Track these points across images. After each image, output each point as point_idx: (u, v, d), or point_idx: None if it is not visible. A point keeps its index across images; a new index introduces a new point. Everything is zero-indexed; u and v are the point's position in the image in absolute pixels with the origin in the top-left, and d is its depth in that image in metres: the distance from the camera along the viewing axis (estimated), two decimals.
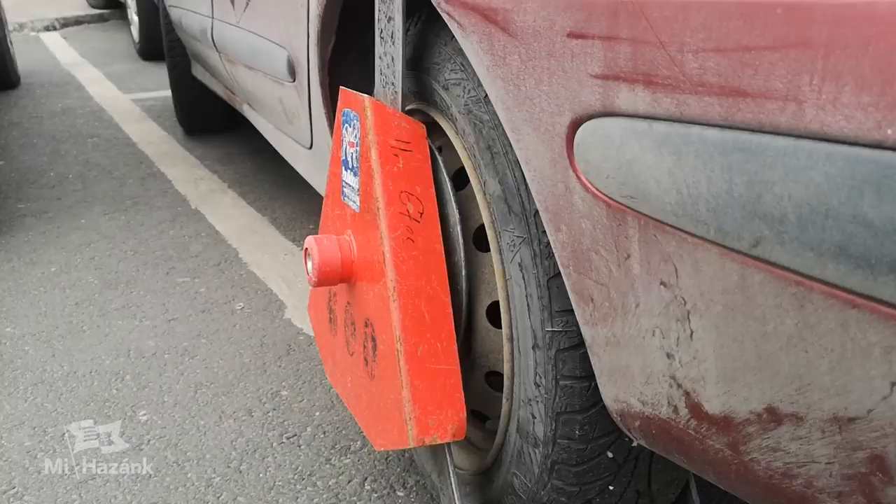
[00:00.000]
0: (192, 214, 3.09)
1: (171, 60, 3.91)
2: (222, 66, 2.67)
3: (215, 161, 3.76)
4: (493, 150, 1.07)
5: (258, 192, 3.32)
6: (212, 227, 2.95)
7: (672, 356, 0.82)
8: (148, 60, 6.37)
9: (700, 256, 0.73)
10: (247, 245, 2.78)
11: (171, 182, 3.47)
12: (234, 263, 2.64)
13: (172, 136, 4.19)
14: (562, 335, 1.01)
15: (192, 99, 3.97)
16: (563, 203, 0.89)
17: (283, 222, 2.98)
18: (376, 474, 1.59)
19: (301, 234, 2.86)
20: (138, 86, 5.44)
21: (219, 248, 2.77)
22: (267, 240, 2.83)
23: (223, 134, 4.19)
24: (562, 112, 0.84)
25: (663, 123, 0.72)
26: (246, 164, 3.70)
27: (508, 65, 0.92)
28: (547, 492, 1.10)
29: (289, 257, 2.67)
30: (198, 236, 2.88)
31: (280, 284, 2.46)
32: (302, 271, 2.55)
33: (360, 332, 1.26)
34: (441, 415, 1.13)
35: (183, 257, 2.69)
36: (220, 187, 3.40)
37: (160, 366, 2.02)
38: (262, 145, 3.92)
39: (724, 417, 0.78)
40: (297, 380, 1.94)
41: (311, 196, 3.23)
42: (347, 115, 1.26)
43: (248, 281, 2.50)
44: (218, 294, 2.42)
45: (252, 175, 3.55)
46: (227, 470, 1.63)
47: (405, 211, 1.16)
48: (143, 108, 4.80)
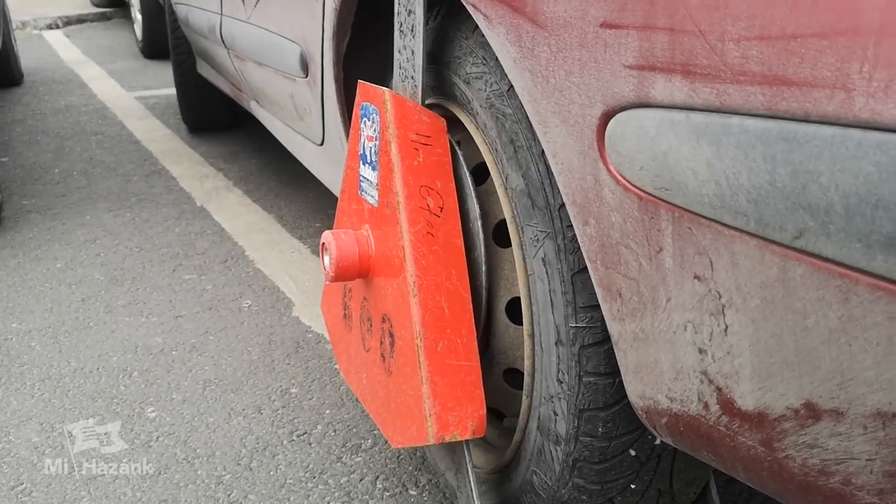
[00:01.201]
0: (197, 212, 3.08)
1: (177, 58, 3.89)
2: (230, 62, 2.66)
3: (220, 159, 3.75)
4: (516, 143, 1.06)
5: (264, 190, 3.31)
6: (218, 225, 2.94)
7: (704, 351, 0.80)
8: (151, 58, 6.36)
9: (738, 249, 0.71)
10: (253, 243, 2.77)
11: (176, 179, 3.46)
12: (240, 261, 2.62)
13: (176, 133, 4.17)
14: (586, 331, 1.00)
15: (196, 96, 3.96)
16: (591, 196, 0.88)
17: (290, 220, 2.97)
18: (388, 473, 1.58)
19: (308, 233, 2.84)
20: (141, 83, 5.43)
21: (225, 245, 2.76)
22: (273, 237, 2.81)
23: (228, 132, 4.18)
24: (593, 103, 0.83)
25: (702, 114, 0.71)
26: (251, 162, 3.69)
27: (537, 56, 0.91)
28: (568, 490, 1.09)
29: (296, 255, 2.66)
30: (204, 233, 2.86)
31: (287, 282, 2.45)
32: (309, 269, 2.54)
33: (377, 328, 1.25)
34: (461, 411, 1.12)
35: (189, 254, 2.68)
36: (226, 185, 3.39)
37: (168, 362, 2.01)
38: (266, 143, 3.91)
39: (758, 414, 0.77)
40: (307, 377, 1.92)
41: (317, 194, 3.22)
42: (366, 109, 1.25)
43: (254, 278, 2.49)
44: (225, 291, 2.41)
45: (257, 173, 3.54)
46: (237, 467, 1.61)
47: (425, 205, 1.15)
48: (146, 105, 4.79)
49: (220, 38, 2.62)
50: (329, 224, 2.91)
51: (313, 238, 2.79)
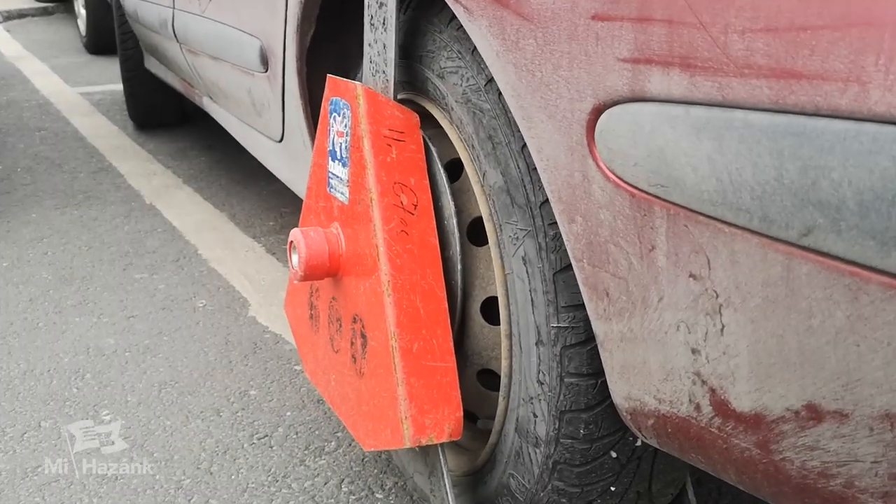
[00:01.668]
0: (147, 209, 3.00)
1: (124, 53, 3.80)
2: (182, 57, 2.59)
3: (168, 156, 3.66)
4: (494, 139, 1.03)
5: (215, 188, 3.24)
6: (168, 223, 2.87)
7: (698, 352, 0.79)
8: (95, 54, 6.21)
9: (738, 247, 0.70)
10: (206, 241, 2.71)
11: (124, 177, 3.37)
12: (193, 260, 2.56)
13: (123, 130, 4.07)
14: (568, 331, 0.98)
15: (144, 92, 3.87)
16: (579, 193, 0.86)
17: (243, 219, 2.91)
18: (353, 476, 1.55)
19: (261, 231, 2.79)
20: (86, 79, 5.29)
21: (177, 244, 2.69)
22: (226, 236, 2.75)
23: (175, 129, 4.09)
24: (583, 98, 0.81)
25: (702, 108, 0.69)
26: (200, 160, 3.61)
27: (522, 50, 0.88)
28: (547, 493, 1.07)
29: (250, 254, 2.60)
30: (154, 232, 2.79)
31: (242, 281, 2.40)
32: (264, 268, 2.49)
33: (348, 328, 1.21)
34: (437, 414, 1.09)
35: (140, 253, 2.61)
36: (175, 182, 3.31)
37: (121, 364, 1.94)
38: (216, 140, 3.83)
39: (754, 415, 0.76)
40: (266, 379, 1.88)
41: (270, 192, 3.16)
42: (336, 104, 1.21)
43: (208, 278, 2.43)
44: (178, 291, 2.34)
45: (207, 170, 3.46)
46: (196, 472, 1.56)
47: (399, 203, 1.12)
48: (91, 101, 4.67)
49: (172, 33, 2.56)
50: (283, 223, 2.86)
51: (267, 237, 2.74)
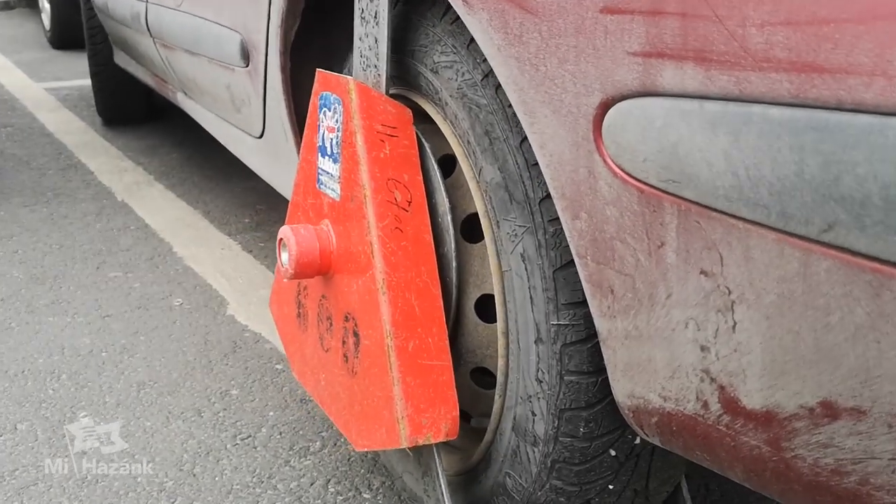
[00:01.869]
0: (118, 207, 2.95)
1: (92, 48, 3.73)
2: (156, 52, 2.55)
3: (138, 152, 3.61)
4: (491, 135, 1.02)
5: (187, 185, 3.19)
6: (141, 220, 2.82)
7: (707, 349, 0.78)
8: (60, 49, 6.11)
9: (753, 243, 0.69)
10: (180, 239, 2.67)
11: (94, 174, 3.31)
12: (168, 258, 2.52)
13: (91, 126, 4.01)
14: (568, 329, 0.97)
15: (113, 88, 3.81)
16: (584, 189, 0.85)
17: (217, 216, 2.87)
18: (339, 476, 1.53)
19: (237, 229, 2.75)
20: (51, 75, 5.20)
21: (150, 241, 2.65)
22: (201, 234, 2.71)
23: (145, 125, 4.03)
24: (590, 92, 0.80)
25: (717, 102, 0.68)
26: (171, 156, 3.56)
27: (525, 44, 0.87)
28: (545, 492, 1.06)
29: (226, 252, 2.57)
30: (127, 229, 2.74)
31: (219, 280, 2.36)
32: (241, 266, 2.45)
33: (339, 327, 1.19)
34: (434, 413, 1.07)
35: (113, 251, 2.56)
36: (147, 179, 3.26)
37: (98, 364, 1.91)
38: (187, 137, 3.78)
39: (765, 413, 0.75)
40: (247, 378, 1.85)
41: (244, 189, 3.12)
42: (326, 99, 1.19)
43: (184, 276, 2.39)
44: (154, 289, 2.30)
45: (179, 167, 3.41)
46: (179, 473, 1.54)
47: (393, 199, 1.10)
48: (57, 97, 4.59)
49: (145, 27, 2.51)
50: (259, 220, 2.82)
51: (242, 234, 2.71)
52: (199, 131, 3.71)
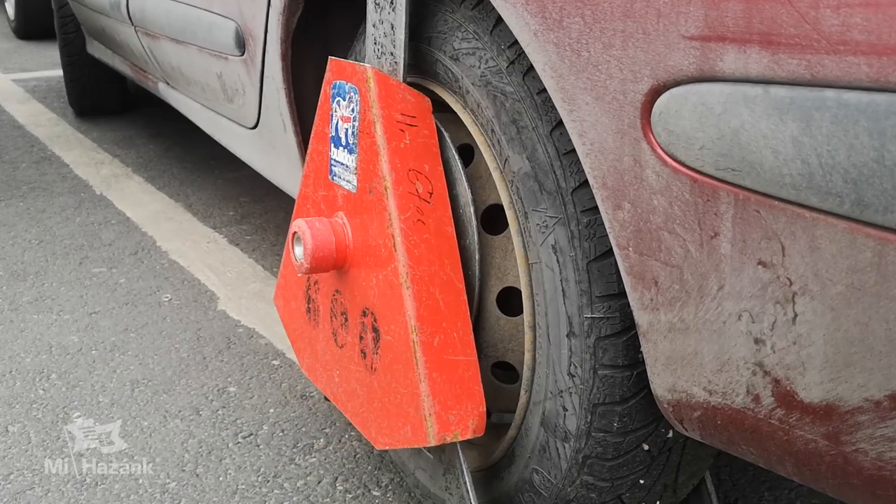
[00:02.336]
0: (97, 200, 2.89)
1: (64, 37, 3.64)
2: (137, 41, 2.49)
3: (114, 144, 3.53)
4: (518, 124, 0.99)
5: (167, 177, 3.13)
6: (122, 214, 2.76)
7: (762, 342, 0.76)
8: (25, 39, 5.98)
9: (821, 233, 0.67)
10: (164, 232, 2.61)
11: (70, 166, 3.24)
12: (152, 252, 2.47)
13: (63, 117, 3.92)
14: (603, 322, 0.94)
15: (86, 78, 3.72)
16: (628, 178, 0.82)
17: (200, 209, 2.81)
18: (347, 473, 1.49)
19: (221, 221, 2.70)
20: (18, 66, 5.08)
21: (133, 235, 2.59)
22: (185, 227, 2.66)
23: (119, 116, 3.94)
24: (638, 79, 0.77)
25: (786, 87, 0.66)
26: (148, 148, 3.49)
27: (566, 29, 0.84)
28: (575, 488, 1.03)
29: (212, 245, 2.52)
30: (108, 223, 2.68)
31: (208, 274, 2.31)
32: (229, 260, 2.41)
33: (356, 322, 1.16)
34: (461, 409, 1.05)
35: (95, 246, 2.50)
36: (125, 172, 3.19)
37: (88, 363, 1.86)
38: (163, 128, 3.71)
39: (825, 406, 0.73)
40: (244, 375, 1.81)
41: (226, 181, 3.07)
42: (340, 88, 1.15)
43: (171, 271, 2.34)
44: (140, 285, 2.25)
45: (157, 159, 3.35)
46: (181, 474, 1.49)
47: (414, 191, 1.07)
48: (26, 88, 4.49)
49: (125, 16, 2.45)
50: (244, 212, 2.77)
51: (228, 227, 2.65)
52: (177, 122, 3.65)
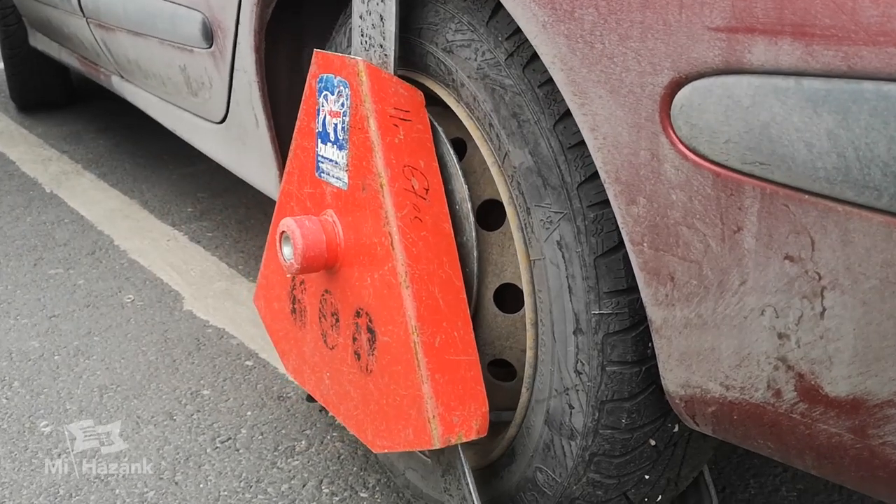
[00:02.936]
0: (48, 199, 2.80)
1: (5, 29, 3.52)
2: (89, 34, 2.41)
3: (61, 140, 3.43)
4: (520, 117, 0.97)
5: (120, 173, 3.04)
6: (75, 212, 2.68)
7: (786, 336, 0.75)
8: None
9: (854, 226, 0.66)
10: (121, 231, 2.54)
11: (16, 164, 3.13)
12: (110, 252, 2.40)
13: (5, 113, 3.79)
14: (611, 318, 0.93)
15: (29, 72, 3.61)
16: (644, 173, 0.81)
17: (157, 205, 2.74)
18: (332, 475, 1.47)
19: (180, 218, 2.63)
20: None
21: (89, 234, 2.51)
22: (142, 225, 2.59)
23: (65, 110, 3.83)
24: (658, 71, 0.76)
25: (820, 80, 0.65)
26: (97, 143, 3.39)
27: (578, 20, 0.82)
28: (581, 486, 1.02)
29: (172, 243, 2.45)
30: (61, 222, 2.60)
31: (170, 273, 2.25)
32: (191, 258, 2.35)
33: (348, 323, 1.13)
34: (464, 410, 1.03)
35: (49, 246, 2.42)
36: (75, 168, 3.10)
37: (52, 369, 1.79)
38: (112, 122, 3.61)
39: (852, 400, 0.73)
40: (217, 377, 1.77)
41: (181, 177, 2.99)
42: (328, 82, 1.12)
43: (131, 270, 2.28)
44: (100, 286, 2.18)
45: (108, 154, 3.26)
46: (159, 482, 1.45)
47: (410, 187, 1.05)
48: None
49: (77, 7, 2.37)
50: (203, 209, 2.71)
51: (188, 224, 2.59)
52: (126, 116, 3.56)
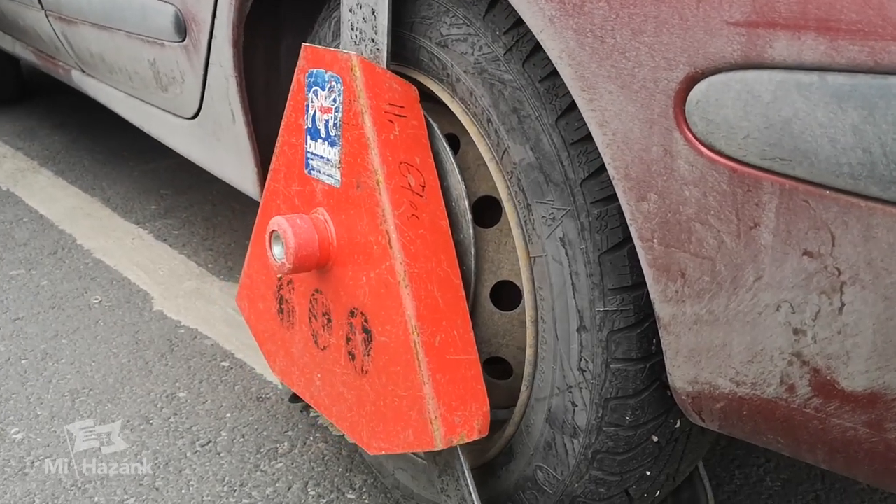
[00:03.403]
0: (5, 197, 2.72)
1: None
2: (48, 27, 2.34)
3: (15, 136, 3.34)
4: (520, 113, 0.96)
5: (79, 170, 2.97)
6: (34, 211, 2.61)
7: (802, 332, 0.75)
8: None
9: (878, 222, 0.66)
10: (83, 230, 2.48)
11: None
12: (73, 251, 2.34)
13: None
14: (616, 315, 0.92)
15: None
16: (656, 169, 0.80)
17: (119, 203, 2.68)
18: (317, 477, 1.44)
19: (144, 216, 2.58)
20: None
21: (50, 234, 2.45)
22: (105, 223, 2.53)
23: (16, 105, 3.73)
24: (673, 66, 0.75)
25: (845, 75, 0.64)
26: (53, 139, 3.31)
27: (588, 14, 0.81)
28: (583, 483, 1.01)
29: (137, 242, 2.40)
30: (20, 222, 2.53)
31: (137, 273, 2.21)
32: (158, 257, 2.30)
33: (341, 323, 1.11)
34: (465, 410, 1.01)
35: (9, 246, 2.36)
36: (30, 166, 3.02)
37: (19, 373, 1.74)
38: (67, 118, 3.53)
39: (869, 394, 0.73)
40: (192, 379, 1.73)
41: (143, 173, 2.93)
42: (318, 77, 1.10)
43: (96, 270, 2.22)
44: (65, 287, 2.13)
45: (65, 151, 3.18)
46: (139, 489, 1.42)
47: (407, 184, 1.03)
48: None
49: (35, 0, 2.30)
50: (167, 206, 2.66)
51: (152, 222, 2.54)
52: (82, 112, 3.48)
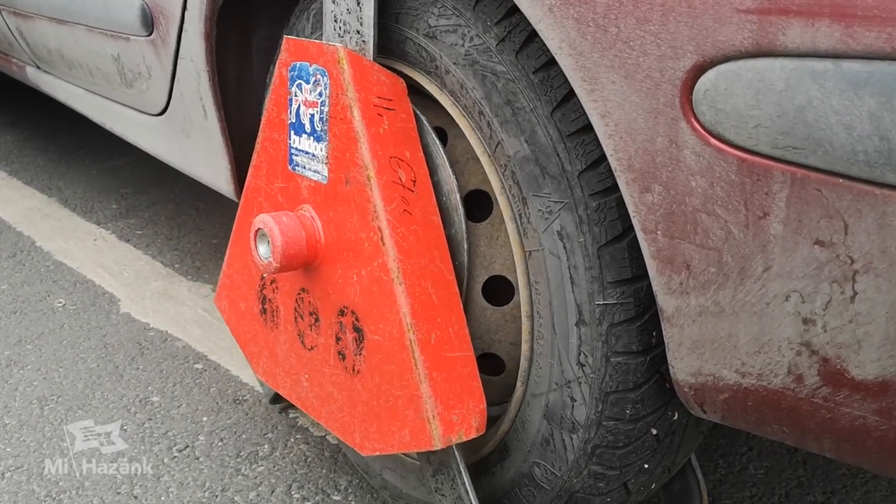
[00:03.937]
0: None
1: None
2: (1, 22, 2.27)
3: None
4: (514, 105, 0.94)
5: (33, 170, 2.90)
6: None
7: (812, 321, 0.75)
8: None
9: (893, 209, 0.66)
10: (42, 231, 2.41)
11: None
12: (33, 254, 2.27)
13: None
14: (616, 308, 0.92)
15: None
16: (661, 160, 0.79)
17: (78, 203, 2.62)
18: (301, 479, 1.42)
19: (105, 216, 2.52)
20: None
21: (7, 236, 2.38)
22: (65, 224, 2.46)
23: None
24: (680, 55, 0.74)
25: (861, 62, 0.64)
26: (5, 139, 3.22)
27: (590, 3, 0.80)
28: (582, 478, 1.01)
29: (100, 243, 2.34)
30: None
31: (102, 274, 2.15)
32: (123, 258, 2.25)
33: (330, 322, 1.09)
34: (463, 408, 1.00)
35: None
36: None
37: None
38: (17, 116, 3.44)
39: (880, 382, 0.73)
40: (165, 382, 1.69)
41: (100, 172, 2.86)
42: (301, 70, 1.07)
43: (59, 273, 2.16)
44: (26, 290, 2.07)
45: (17, 150, 3.09)
46: (116, 497, 1.38)
47: (398, 179, 1.01)
48: None
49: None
50: (128, 205, 2.60)
51: (114, 222, 2.48)
52: (33, 109, 3.40)
